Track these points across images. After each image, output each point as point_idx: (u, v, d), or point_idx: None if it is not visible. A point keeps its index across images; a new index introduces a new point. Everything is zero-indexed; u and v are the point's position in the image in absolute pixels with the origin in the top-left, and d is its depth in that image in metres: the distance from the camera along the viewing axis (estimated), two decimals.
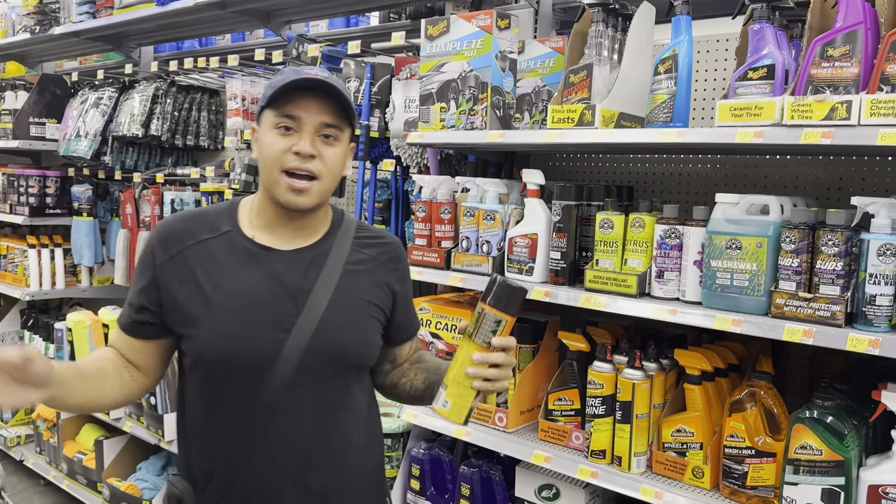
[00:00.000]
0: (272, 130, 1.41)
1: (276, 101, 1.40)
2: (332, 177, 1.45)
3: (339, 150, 1.45)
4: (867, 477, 1.67)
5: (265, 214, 1.48)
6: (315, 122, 1.40)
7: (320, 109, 1.40)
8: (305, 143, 1.39)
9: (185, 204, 3.75)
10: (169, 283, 1.43)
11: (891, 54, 1.57)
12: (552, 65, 2.40)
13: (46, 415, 4.16)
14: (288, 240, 1.48)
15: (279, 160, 1.39)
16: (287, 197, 1.40)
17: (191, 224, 1.48)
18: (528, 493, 2.26)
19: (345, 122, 1.45)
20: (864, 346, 1.60)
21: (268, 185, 1.43)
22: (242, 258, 1.44)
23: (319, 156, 1.40)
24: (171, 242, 1.45)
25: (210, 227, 1.48)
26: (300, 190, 1.40)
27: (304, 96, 1.40)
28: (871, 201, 1.65)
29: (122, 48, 4.42)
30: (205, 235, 1.46)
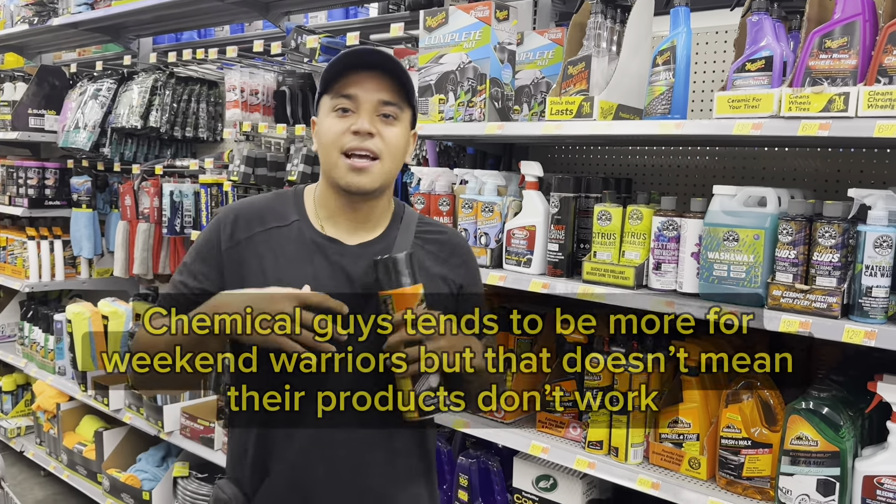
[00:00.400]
0: (330, 114, 1.37)
1: (332, 83, 1.36)
2: (393, 158, 1.39)
3: (400, 130, 1.39)
4: (862, 468, 1.68)
5: (328, 205, 1.44)
6: (373, 100, 1.35)
7: (378, 86, 1.36)
8: (364, 122, 1.34)
9: (184, 196, 3.75)
10: (234, 268, 1.39)
11: (888, 46, 1.57)
12: (551, 56, 2.40)
13: (46, 406, 4.17)
14: (352, 232, 1.44)
15: (337, 142, 1.35)
16: (349, 179, 1.36)
17: (259, 211, 1.45)
18: (526, 484, 2.27)
19: (404, 100, 1.39)
20: (860, 338, 1.60)
21: (328, 170, 1.39)
22: (309, 249, 1.41)
23: (379, 135, 1.35)
24: (238, 228, 1.41)
25: (278, 215, 1.44)
26: (361, 169, 1.35)
27: (359, 74, 1.35)
28: (868, 193, 1.65)
29: (120, 39, 4.41)
30: (273, 224, 1.43)
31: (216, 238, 1.42)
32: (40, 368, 4.26)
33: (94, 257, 4.46)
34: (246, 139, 3.58)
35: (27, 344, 4.42)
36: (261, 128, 3.38)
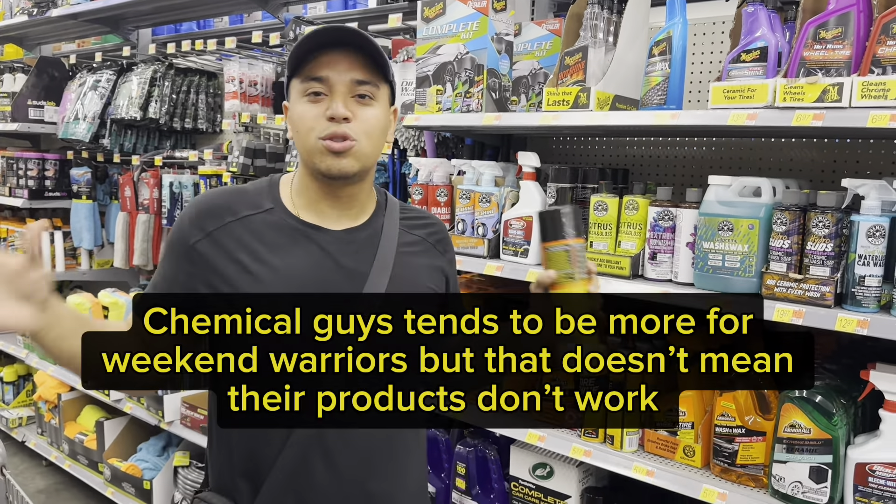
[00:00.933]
0: (301, 99, 1.30)
1: (300, 66, 1.28)
2: (371, 140, 1.32)
3: (378, 111, 1.32)
4: (855, 455, 1.69)
5: (307, 193, 1.38)
6: (345, 81, 1.27)
7: (349, 65, 1.28)
8: (338, 105, 1.27)
9: (183, 187, 3.76)
10: (206, 261, 1.32)
11: (882, 37, 1.58)
12: (549, 47, 2.41)
13: (48, 396, 4.20)
14: (335, 219, 1.38)
15: (313, 129, 1.28)
16: (328, 163, 1.29)
17: (228, 200, 1.37)
18: (523, 472, 2.29)
19: (379, 76, 1.31)
20: (852, 327, 1.62)
21: (306, 158, 1.33)
22: (290, 235, 1.35)
23: (355, 117, 1.28)
24: (206, 219, 1.34)
25: (250, 203, 1.37)
26: (339, 151, 1.28)
27: (328, 54, 1.27)
28: (862, 183, 1.67)
29: (120, 30, 4.41)
30: (245, 212, 1.35)
31: (184, 235, 1.34)
32: (41, 359, 4.28)
33: (94, 248, 4.48)
34: (245, 130, 3.59)
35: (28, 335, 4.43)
36: (259, 119, 3.38)
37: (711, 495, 1.83)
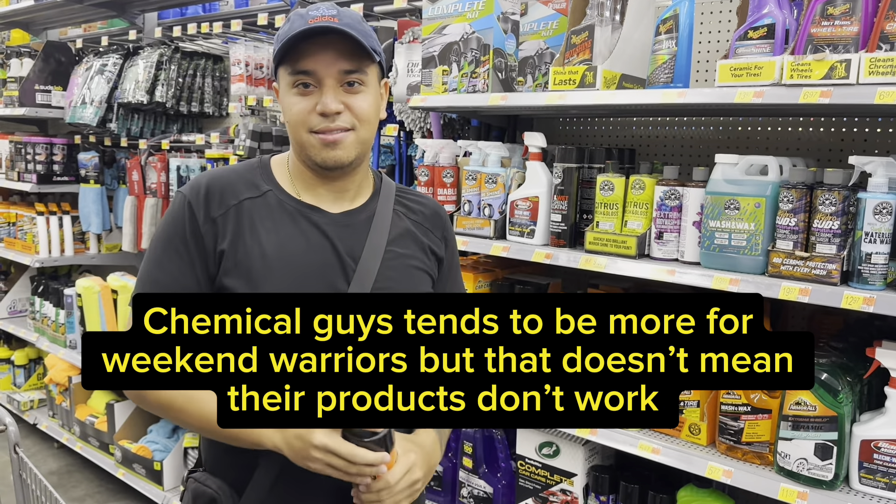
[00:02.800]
0: (290, 90, 1.30)
1: (287, 55, 1.29)
2: (367, 126, 1.33)
3: (369, 96, 1.33)
4: (860, 432, 1.70)
5: (303, 177, 1.39)
6: (334, 73, 1.28)
7: (336, 56, 1.27)
8: (328, 100, 1.28)
9: (190, 171, 3.77)
10: (212, 247, 1.33)
11: (890, 12, 1.57)
12: (555, 27, 2.39)
13: (59, 379, 4.24)
14: (332, 202, 1.39)
15: (305, 122, 1.30)
16: (323, 155, 1.31)
17: (228, 183, 1.36)
18: (529, 451, 2.31)
19: (367, 61, 1.31)
20: (858, 304, 1.62)
21: (298, 150, 1.34)
22: (292, 216, 1.36)
23: (348, 108, 1.29)
24: (211, 204, 1.34)
25: (249, 186, 1.37)
26: (334, 142, 1.30)
27: (314, 45, 1.27)
28: (869, 160, 1.66)
29: (125, 14, 4.41)
30: (246, 195, 1.36)
31: (190, 219, 1.34)
32: (52, 342, 4.32)
33: (102, 232, 4.50)
34: (251, 113, 3.59)
35: (38, 318, 4.48)
36: (266, 101, 3.39)
37: (717, 472, 1.84)
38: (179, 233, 1.34)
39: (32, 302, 4.56)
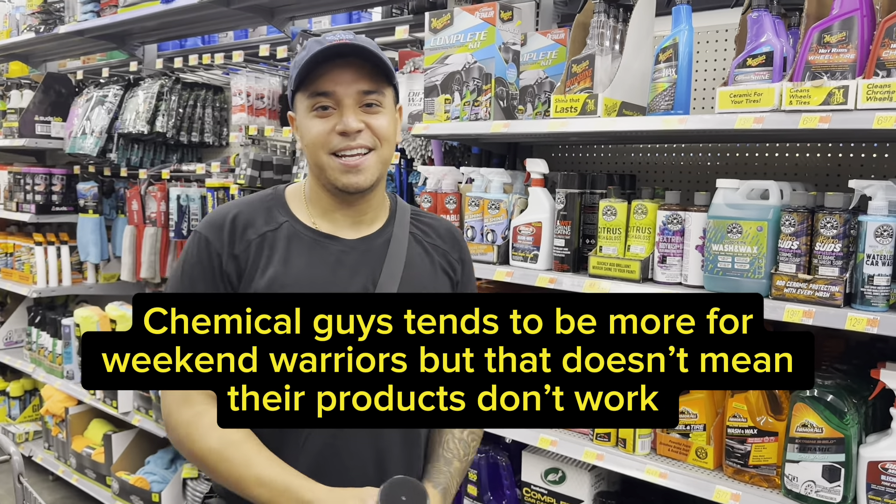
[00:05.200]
0: (309, 114, 1.31)
1: (305, 80, 1.30)
2: (388, 145, 1.34)
3: (387, 116, 1.34)
4: (867, 453, 1.71)
5: (320, 203, 1.40)
6: (353, 94, 1.29)
7: (355, 77, 1.29)
8: (349, 120, 1.29)
9: (190, 199, 3.78)
10: (234, 283, 1.34)
11: (886, 40, 1.61)
12: (554, 57, 2.44)
13: (55, 410, 4.20)
14: (349, 227, 1.40)
15: (325, 144, 1.31)
16: (344, 180, 1.32)
17: (247, 217, 1.38)
18: (535, 477, 2.30)
19: (384, 83, 1.33)
20: (862, 325, 1.64)
21: (318, 173, 1.35)
22: (308, 247, 1.37)
23: (368, 127, 1.31)
24: (234, 240, 1.35)
25: (266, 219, 1.38)
26: (355, 167, 1.30)
27: (332, 67, 1.28)
28: (869, 184, 1.69)
29: (125, 46, 4.45)
30: (264, 228, 1.37)
31: (212, 259, 1.35)
32: (48, 373, 4.29)
33: (100, 262, 4.50)
34: (252, 143, 3.62)
35: (35, 349, 4.45)
36: (267, 131, 3.42)
37: (724, 496, 1.84)
38: (208, 271, 1.35)
39: (29, 333, 4.54)
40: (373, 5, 3.47)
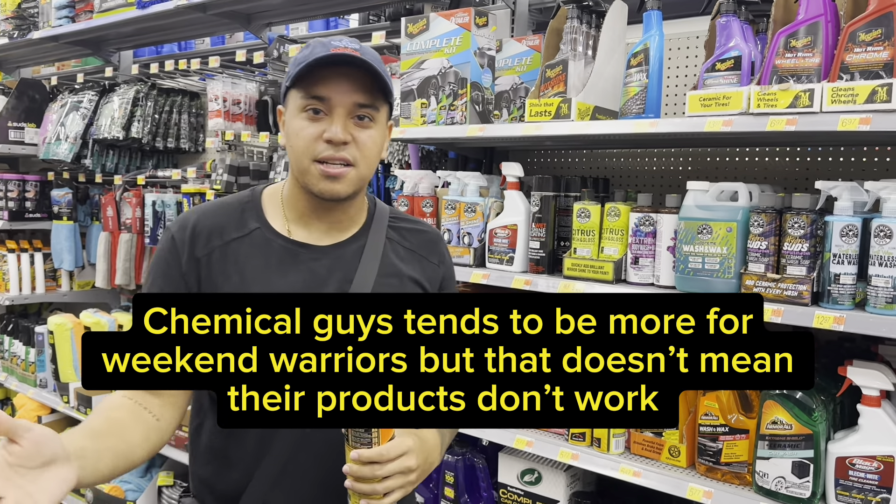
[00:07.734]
0: (300, 114, 1.30)
1: (302, 79, 1.28)
2: (368, 163, 1.34)
3: (376, 133, 1.33)
4: (835, 449, 1.74)
5: (297, 206, 1.39)
6: (347, 104, 1.28)
7: (352, 87, 1.28)
8: (337, 129, 1.28)
9: (166, 205, 3.77)
10: (202, 285, 1.34)
11: (850, 44, 1.65)
12: (529, 62, 2.47)
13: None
14: (324, 233, 1.40)
15: (309, 149, 1.29)
16: (321, 186, 1.31)
17: (216, 222, 1.37)
18: (511, 479, 2.31)
19: (381, 99, 1.32)
20: (829, 323, 1.67)
21: (299, 175, 1.34)
22: (278, 257, 1.36)
23: (354, 141, 1.29)
24: (197, 244, 1.35)
25: (237, 224, 1.38)
26: (335, 176, 1.30)
27: (333, 73, 1.27)
28: (834, 185, 1.73)
29: (101, 52, 4.43)
30: (233, 235, 1.36)
31: (174, 259, 1.35)
32: (21, 382, 4.22)
33: (74, 270, 4.45)
34: (228, 148, 3.61)
35: (7, 357, 4.39)
36: (243, 136, 3.41)
37: (697, 494, 1.86)
38: (170, 269, 1.36)
39: (1, 341, 4.47)
40: (350, 11, 3.49)
